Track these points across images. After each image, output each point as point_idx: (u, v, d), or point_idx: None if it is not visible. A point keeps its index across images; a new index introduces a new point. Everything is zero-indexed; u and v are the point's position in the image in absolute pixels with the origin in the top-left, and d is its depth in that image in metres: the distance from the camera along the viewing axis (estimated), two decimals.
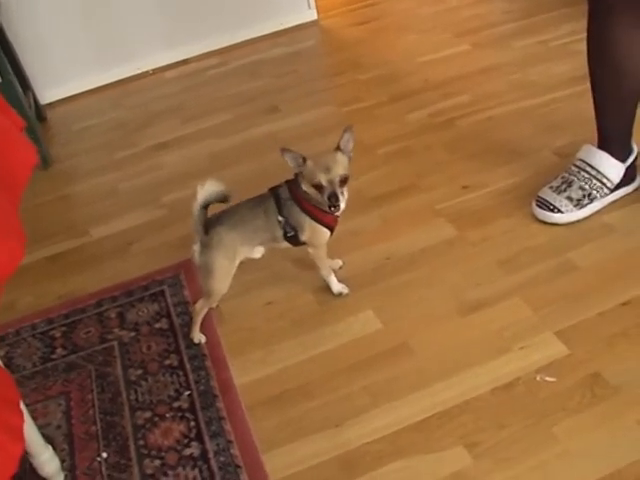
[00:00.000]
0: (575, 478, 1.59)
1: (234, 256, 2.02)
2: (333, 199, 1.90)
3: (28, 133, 1.61)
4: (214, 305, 2.14)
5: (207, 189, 1.90)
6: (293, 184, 2.01)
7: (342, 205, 1.95)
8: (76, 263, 2.65)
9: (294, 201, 2.00)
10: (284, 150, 1.93)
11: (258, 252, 2.13)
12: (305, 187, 1.96)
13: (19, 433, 1.38)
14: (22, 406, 1.49)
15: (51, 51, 3.95)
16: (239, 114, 3.52)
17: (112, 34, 4.05)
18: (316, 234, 2.05)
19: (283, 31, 4.40)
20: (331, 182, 1.90)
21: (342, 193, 1.92)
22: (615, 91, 2.20)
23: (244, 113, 3.52)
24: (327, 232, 2.06)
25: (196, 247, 2.00)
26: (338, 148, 1.94)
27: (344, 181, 1.92)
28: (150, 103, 3.87)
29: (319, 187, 1.91)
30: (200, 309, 2.10)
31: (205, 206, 1.92)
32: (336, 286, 2.21)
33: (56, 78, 4.03)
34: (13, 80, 3.26)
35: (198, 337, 2.14)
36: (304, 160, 1.93)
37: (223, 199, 1.94)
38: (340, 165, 1.91)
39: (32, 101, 3.66)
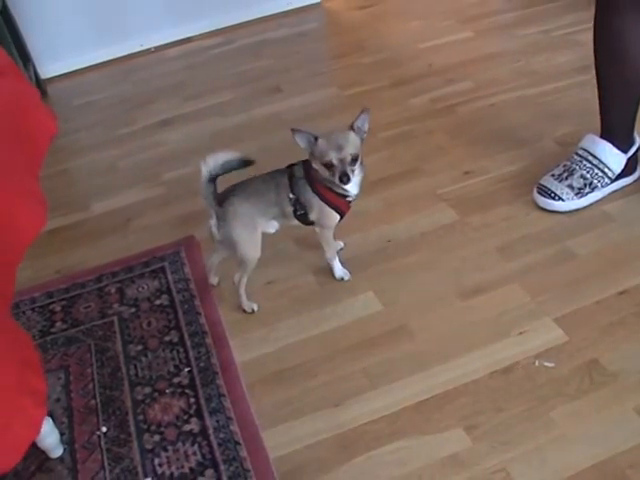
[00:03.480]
0: (571, 463, 1.60)
1: (254, 225, 2.02)
2: (345, 178, 1.89)
3: None
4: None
5: (209, 162, 1.89)
6: (308, 164, 2.00)
7: (353, 182, 1.94)
8: (75, 238, 2.65)
9: (307, 181, 1.99)
10: (294, 130, 1.91)
11: (272, 227, 2.11)
12: (316, 165, 1.95)
13: (42, 397, 1.35)
14: None
15: (53, 25, 3.92)
16: (241, 94, 3.52)
17: (115, 10, 4.02)
18: (324, 216, 2.04)
19: (287, 12, 4.40)
20: (342, 161, 1.89)
21: (352, 171, 1.91)
22: (620, 81, 2.20)
23: (246, 93, 3.52)
24: (337, 216, 2.05)
25: (212, 222, 1.99)
26: (352, 128, 1.93)
27: (355, 160, 1.90)
28: (152, 80, 3.87)
29: (330, 166, 1.90)
30: (239, 280, 2.11)
31: (213, 179, 1.92)
32: (339, 271, 2.21)
33: (57, 53, 4.01)
34: (14, 54, 3.25)
35: (250, 305, 2.16)
36: (316, 139, 1.91)
37: (234, 167, 1.92)
38: (352, 144, 1.90)
39: (33, 75, 3.65)
